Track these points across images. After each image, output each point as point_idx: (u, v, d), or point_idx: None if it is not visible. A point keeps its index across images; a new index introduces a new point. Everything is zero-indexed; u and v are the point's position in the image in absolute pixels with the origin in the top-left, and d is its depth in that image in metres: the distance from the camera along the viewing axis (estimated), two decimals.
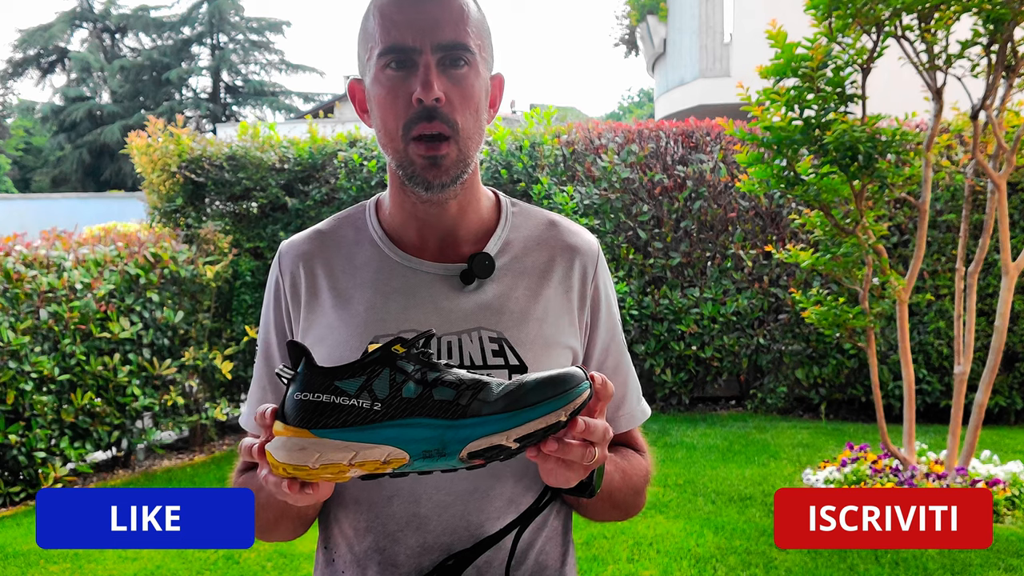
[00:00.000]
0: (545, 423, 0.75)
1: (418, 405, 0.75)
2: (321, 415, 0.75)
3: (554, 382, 0.75)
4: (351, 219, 1.08)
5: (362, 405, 0.75)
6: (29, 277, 4.51)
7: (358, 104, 1.03)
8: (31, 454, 4.37)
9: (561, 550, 1.05)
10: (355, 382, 0.76)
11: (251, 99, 28.32)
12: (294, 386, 0.77)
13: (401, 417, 0.75)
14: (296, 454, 0.75)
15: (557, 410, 0.75)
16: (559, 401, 0.75)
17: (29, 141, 29.64)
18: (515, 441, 0.75)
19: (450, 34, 0.94)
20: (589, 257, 1.06)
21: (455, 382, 0.76)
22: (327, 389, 0.75)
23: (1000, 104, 3.72)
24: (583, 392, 0.76)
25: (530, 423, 0.74)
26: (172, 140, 6.07)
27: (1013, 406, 5.79)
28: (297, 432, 0.75)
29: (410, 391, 0.76)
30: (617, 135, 6.39)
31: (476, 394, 0.75)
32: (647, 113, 34.88)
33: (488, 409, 0.75)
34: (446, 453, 0.75)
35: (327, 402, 0.75)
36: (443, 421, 0.75)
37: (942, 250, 5.81)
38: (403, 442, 0.75)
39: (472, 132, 0.96)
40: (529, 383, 0.75)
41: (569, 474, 0.81)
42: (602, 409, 0.81)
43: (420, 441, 0.75)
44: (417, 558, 0.97)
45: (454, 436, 0.75)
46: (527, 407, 0.74)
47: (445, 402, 0.75)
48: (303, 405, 0.75)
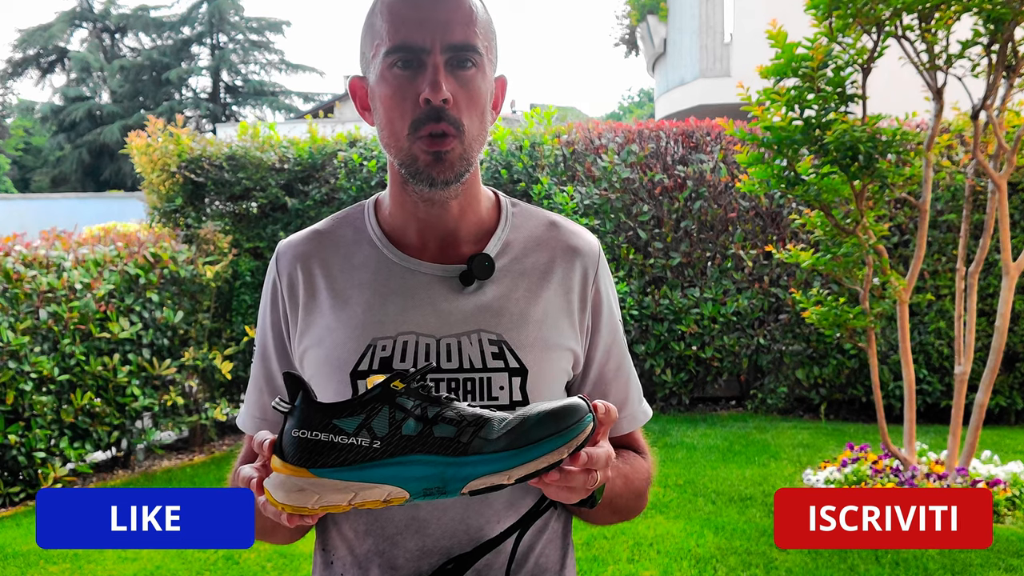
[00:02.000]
0: (547, 462, 0.74)
1: (418, 442, 0.74)
2: (319, 454, 0.73)
3: (557, 417, 0.74)
4: (349, 219, 1.07)
5: (361, 443, 0.74)
6: (29, 277, 4.50)
7: (359, 102, 1.02)
8: (31, 454, 4.36)
9: (561, 553, 1.04)
10: (353, 420, 0.74)
11: (251, 99, 28.30)
12: (291, 421, 0.75)
13: (401, 454, 0.74)
14: (295, 496, 0.74)
15: (559, 448, 0.73)
16: (562, 438, 0.73)
17: (29, 141, 29.63)
18: (516, 480, 0.74)
19: (460, 35, 0.93)
20: (590, 258, 1.05)
21: (456, 419, 0.75)
22: (325, 427, 0.74)
23: (1001, 104, 3.72)
24: (586, 427, 0.74)
25: (532, 462, 0.73)
26: (172, 140, 6.06)
27: (1014, 406, 5.79)
28: (295, 471, 0.74)
29: (410, 428, 0.74)
30: (617, 135, 6.38)
31: (478, 431, 0.74)
32: (647, 113, 34.86)
33: (490, 447, 0.74)
34: (447, 491, 0.74)
35: (325, 441, 0.74)
36: (444, 458, 0.74)
37: (943, 250, 5.81)
38: (403, 480, 0.74)
39: (476, 133, 0.96)
40: (531, 419, 0.74)
41: (571, 495, 0.81)
42: (605, 432, 0.80)
43: (420, 479, 0.74)
44: (416, 561, 0.96)
45: (455, 474, 0.74)
46: (529, 445, 0.73)
47: (446, 439, 0.74)
48: (301, 444, 0.74)
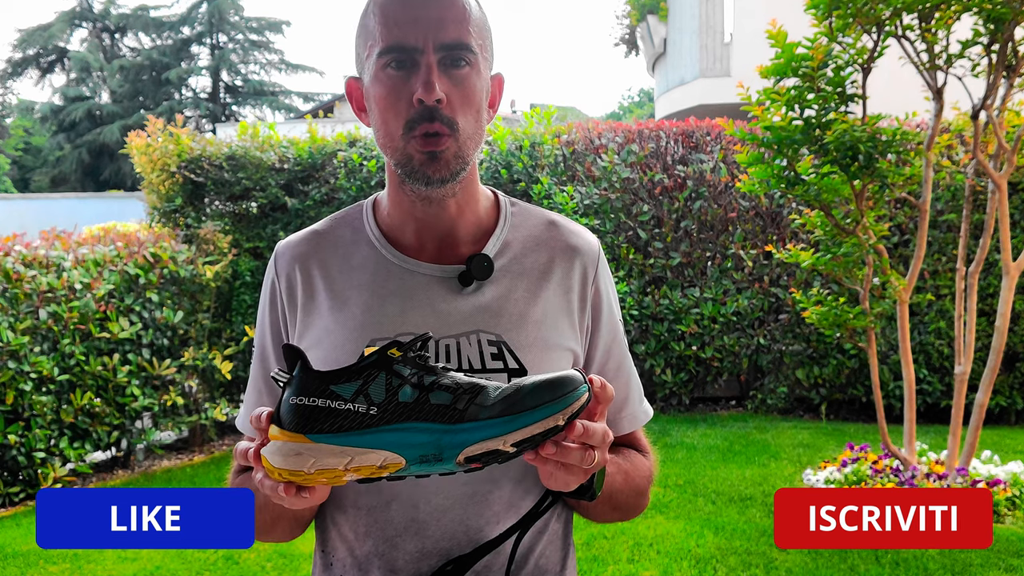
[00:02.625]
0: (543, 427, 0.74)
1: (414, 409, 0.75)
2: (317, 420, 0.74)
3: (552, 386, 0.74)
4: (348, 219, 1.06)
5: (358, 410, 0.74)
6: (28, 277, 4.50)
7: (355, 103, 1.01)
8: (30, 454, 4.36)
9: (561, 554, 1.04)
10: (351, 386, 0.75)
11: (251, 99, 28.29)
12: (289, 390, 0.76)
13: (397, 421, 0.75)
14: (292, 459, 0.74)
15: (555, 414, 0.74)
16: (557, 405, 0.74)
17: (28, 141, 29.62)
18: (512, 446, 0.74)
19: (453, 33, 0.92)
20: (589, 258, 1.05)
21: (452, 386, 0.76)
22: (323, 393, 0.75)
23: (1001, 104, 3.72)
24: (581, 396, 0.75)
25: (527, 428, 0.74)
26: (172, 140, 6.06)
27: (1014, 406, 5.79)
28: (292, 437, 0.75)
29: (406, 395, 0.75)
30: (617, 135, 6.38)
31: (473, 398, 0.75)
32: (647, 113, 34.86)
33: (485, 413, 0.74)
34: (443, 458, 0.75)
35: (322, 407, 0.74)
36: (440, 425, 0.74)
37: (943, 250, 5.81)
38: (399, 447, 0.74)
39: (471, 132, 0.95)
40: (527, 387, 0.74)
41: (569, 477, 0.81)
42: (602, 412, 0.80)
43: (416, 446, 0.74)
44: (416, 563, 0.96)
45: (451, 441, 0.74)
46: (524, 411, 0.74)
47: (442, 406, 0.75)
48: (298, 410, 0.75)
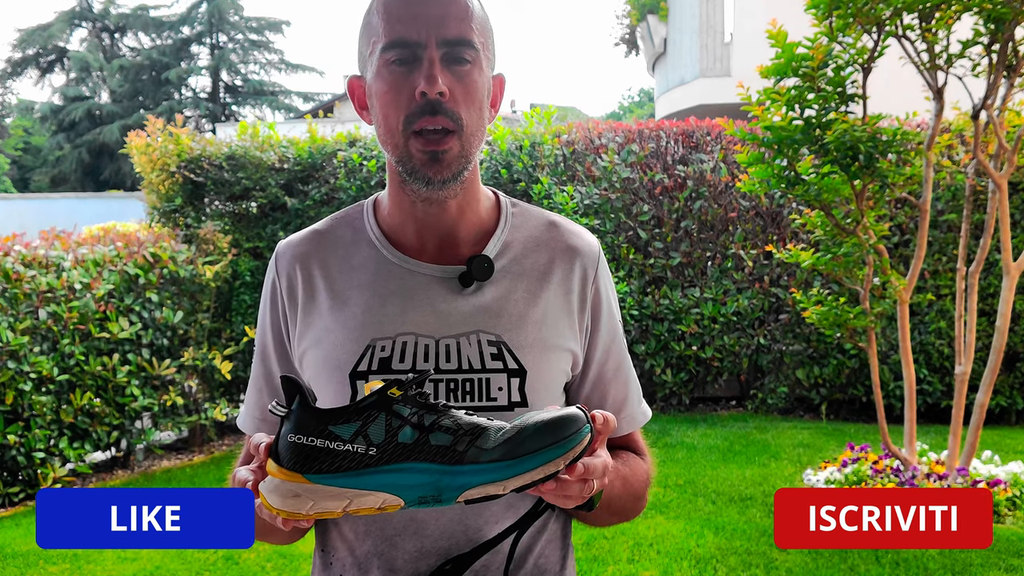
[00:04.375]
0: (543, 473, 0.73)
1: (414, 450, 0.74)
2: (315, 460, 0.73)
3: (554, 428, 0.73)
4: (348, 219, 1.06)
5: (357, 450, 0.74)
6: (28, 277, 4.50)
7: (357, 101, 1.02)
8: (30, 454, 4.36)
9: (560, 553, 1.04)
10: (350, 427, 0.74)
11: (251, 99, 28.29)
12: (287, 425, 0.75)
13: (397, 462, 0.74)
14: (290, 501, 0.74)
15: (555, 459, 0.73)
16: (559, 449, 0.73)
17: (28, 141, 29.62)
18: (512, 490, 0.74)
19: (455, 30, 0.93)
20: (589, 259, 1.05)
21: (452, 427, 0.75)
22: (321, 433, 0.74)
23: (1001, 104, 3.72)
24: (583, 438, 0.74)
25: (528, 473, 0.73)
26: (171, 140, 6.06)
27: (1014, 406, 5.79)
28: (290, 476, 0.74)
29: (406, 436, 0.74)
30: (617, 135, 6.38)
31: (474, 440, 0.74)
32: (647, 113, 34.86)
33: (486, 457, 0.73)
34: (442, 499, 0.74)
35: (321, 447, 0.73)
36: (439, 467, 0.74)
37: (943, 250, 5.80)
38: (398, 488, 0.74)
39: (475, 129, 0.95)
40: (528, 428, 0.73)
41: (567, 502, 0.80)
42: (602, 441, 0.80)
43: (416, 487, 0.74)
44: (415, 563, 0.96)
45: (450, 483, 0.74)
46: (525, 455, 0.73)
47: (442, 447, 0.74)
48: (296, 448, 0.74)
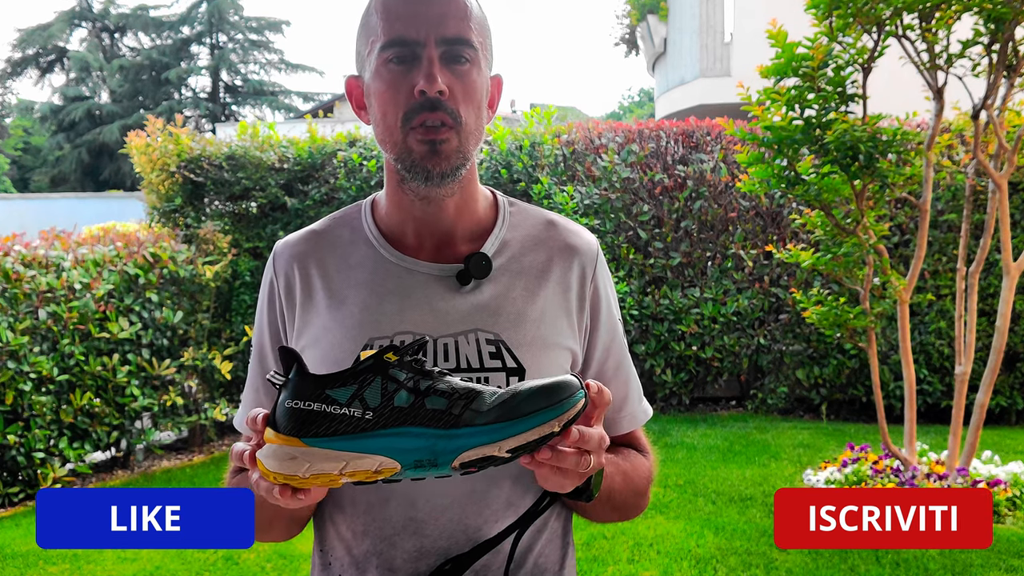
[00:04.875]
0: (538, 434, 0.74)
1: (410, 414, 0.75)
2: (312, 424, 0.74)
3: (548, 391, 0.74)
4: (346, 219, 1.07)
5: (353, 414, 0.74)
6: (28, 277, 4.50)
7: (355, 101, 1.02)
8: (30, 455, 4.36)
9: (561, 553, 1.04)
10: (346, 391, 0.75)
11: (250, 99, 28.28)
12: (285, 393, 0.76)
13: (393, 426, 0.74)
14: (286, 463, 0.74)
15: (551, 420, 0.74)
16: (553, 412, 0.74)
17: (28, 141, 29.61)
18: (508, 451, 0.74)
19: (454, 29, 0.93)
20: (588, 257, 1.05)
21: (448, 391, 0.75)
22: (318, 398, 0.75)
23: (1001, 104, 3.71)
24: (578, 402, 0.75)
25: (523, 434, 0.74)
26: (171, 140, 6.06)
27: (1014, 406, 5.79)
28: (288, 441, 0.75)
29: (402, 400, 0.75)
30: (617, 135, 6.37)
31: (469, 404, 0.75)
32: (647, 113, 34.86)
33: (481, 419, 0.74)
34: (438, 463, 0.75)
35: (318, 411, 0.74)
36: (435, 431, 0.74)
37: (943, 250, 5.80)
38: (394, 452, 0.74)
39: (473, 127, 0.95)
40: (523, 392, 0.74)
41: (564, 480, 0.81)
42: (599, 416, 0.80)
43: (412, 451, 0.74)
44: (414, 562, 0.96)
45: (446, 446, 0.74)
46: (520, 417, 0.73)
47: (437, 411, 0.75)
48: (293, 413, 0.75)
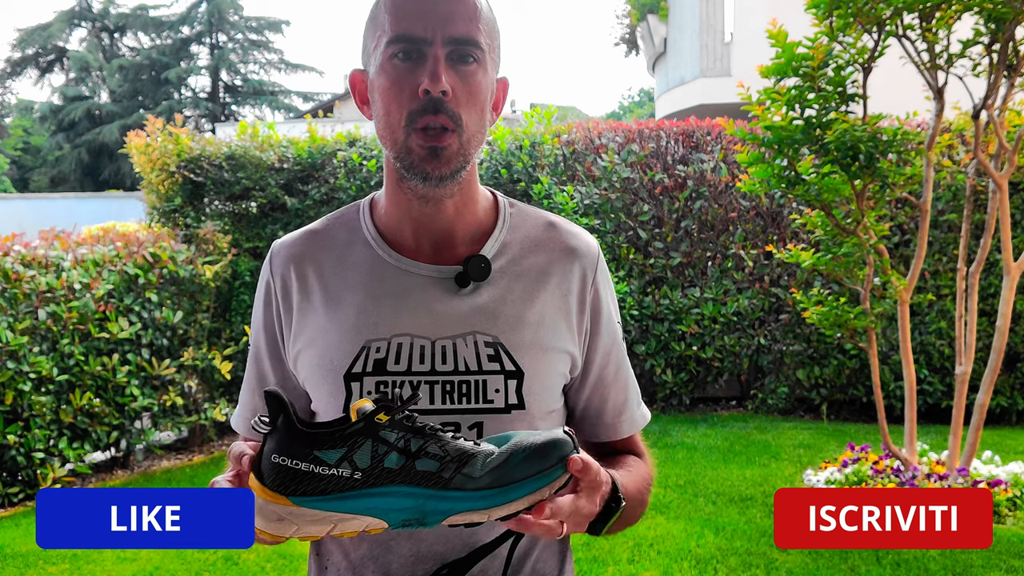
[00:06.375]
0: (528, 503, 0.74)
1: (399, 474, 0.74)
2: (299, 483, 0.73)
3: (542, 453, 0.74)
4: (344, 219, 1.06)
5: (342, 474, 0.73)
6: (27, 277, 4.49)
7: (358, 95, 1.01)
8: (29, 455, 4.35)
9: (558, 558, 1.03)
10: (335, 452, 0.73)
11: (250, 98, 28.28)
12: (271, 443, 0.74)
13: (381, 485, 0.73)
14: (274, 524, 0.73)
15: (541, 489, 0.74)
16: (545, 478, 0.74)
17: (27, 140, 29.60)
18: (496, 519, 0.74)
19: (462, 28, 0.92)
20: (588, 260, 1.04)
21: (439, 454, 0.74)
22: (306, 457, 0.73)
23: (1002, 103, 3.71)
24: (568, 459, 0.75)
25: (512, 503, 0.74)
26: (171, 140, 6.05)
27: (1015, 406, 5.78)
28: (274, 497, 0.73)
29: (392, 462, 0.74)
30: (617, 135, 6.37)
31: (461, 467, 0.74)
32: (647, 113, 34.84)
33: (472, 484, 0.73)
34: (426, 523, 0.74)
35: (305, 471, 0.73)
36: (424, 491, 0.73)
37: (943, 250, 5.80)
38: (382, 512, 0.73)
39: (475, 131, 0.95)
40: (517, 456, 0.74)
41: (546, 535, 0.80)
42: (586, 489, 0.80)
43: (400, 511, 0.74)
44: (411, 567, 0.95)
45: (435, 507, 0.74)
46: (512, 484, 0.73)
47: (428, 473, 0.74)
48: (280, 470, 0.73)
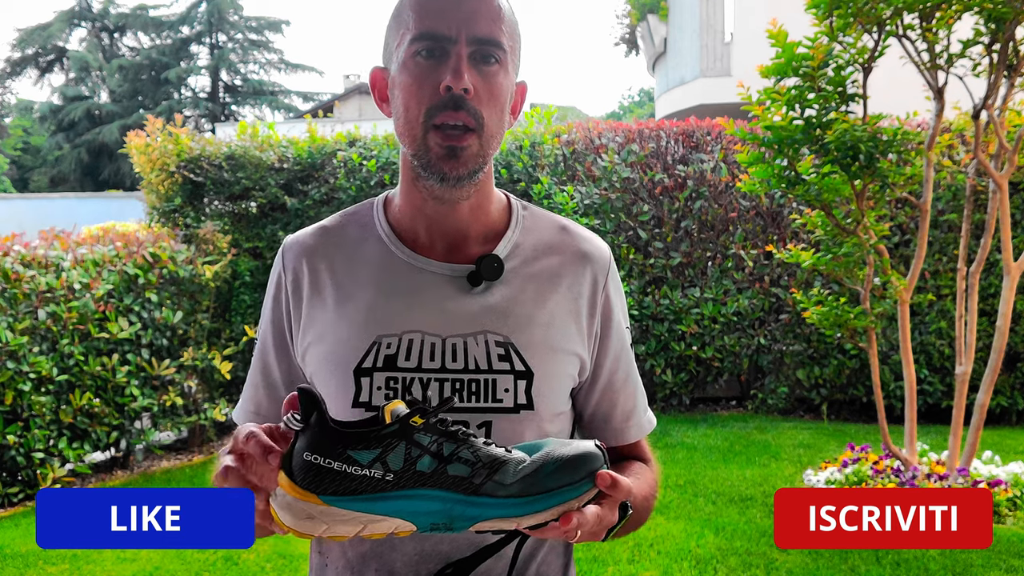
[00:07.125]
0: (557, 514, 0.74)
1: (431, 478, 0.74)
2: (330, 481, 0.73)
3: (573, 466, 0.74)
4: (358, 216, 1.06)
5: (374, 475, 0.73)
6: (27, 277, 4.49)
7: (378, 93, 1.01)
8: (29, 455, 4.35)
9: (563, 561, 1.03)
10: (369, 454, 0.73)
11: (250, 98, 28.29)
12: (303, 440, 0.74)
13: (412, 487, 0.74)
14: (303, 523, 0.73)
15: (570, 500, 0.74)
16: (575, 490, 0.74)
17: (27, 140, 29.59)
18: (525, 528, 0.74)
19: (486, 28, 0.92)
20: (600, 265, 1.04)
21: (471, 459, 0.75)
22: (339, 456, 0.73)
23: (1002, 103, 3.71)
24: (598, 473, 0.75)
25: (541, 513, 0.74)
26: (171, 140, 6.05)
27: (1015, 406, 5.78)
28: (304, 495, 0.73)
29: (424, 465, 0.74)
30: (617, 135, 6.37)
31: (492, 474, 0.74)
32: (647, 113, 34.84)
33: (503, 491, 0.73)
34: (453, 527, 0.74)
35: (338, 470, 0.73)
36: (454, 495, 0.74)
37: (943, 250, 5.80)
38: (411, 515, 0.74)
39: (494, 131, 0.95)
40: (549, 466, 0.74)
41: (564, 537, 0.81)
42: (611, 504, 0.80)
43: (429, 514, 0.74)
44: (415, 566, 0.95)
45: (463, 512, 0.74)
46: (542, 494, 0.74)
47: (459, 478, 0.74)
48: (311, 468, 0.73)
